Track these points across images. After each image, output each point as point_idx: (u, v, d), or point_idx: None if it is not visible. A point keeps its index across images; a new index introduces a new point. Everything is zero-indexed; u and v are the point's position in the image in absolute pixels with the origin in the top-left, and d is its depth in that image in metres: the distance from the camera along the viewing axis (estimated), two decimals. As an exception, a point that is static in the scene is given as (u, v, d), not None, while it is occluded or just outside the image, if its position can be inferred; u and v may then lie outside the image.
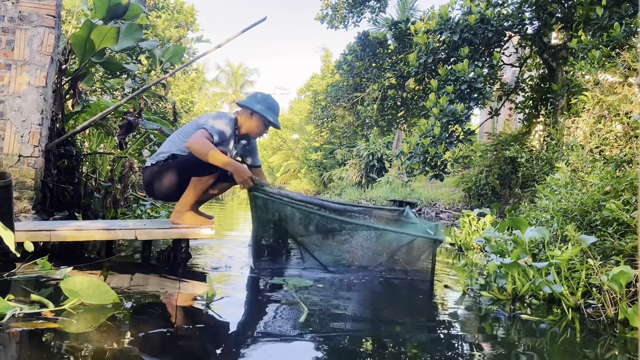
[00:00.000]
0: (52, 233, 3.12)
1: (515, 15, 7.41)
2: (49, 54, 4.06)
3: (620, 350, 1.98)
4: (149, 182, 3.53)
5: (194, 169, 3.38)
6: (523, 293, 2.75)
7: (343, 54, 11.58)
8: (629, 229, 2.73)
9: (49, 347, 1.70)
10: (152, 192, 3.59)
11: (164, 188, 3.50)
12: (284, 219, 3.38)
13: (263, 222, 3.39)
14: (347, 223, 3.38)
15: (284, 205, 3.34)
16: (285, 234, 3.48)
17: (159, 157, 3.51)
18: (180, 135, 3.53)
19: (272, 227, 3.44)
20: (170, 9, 13.52)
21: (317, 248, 3.43)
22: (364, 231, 3.37)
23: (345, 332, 2.08)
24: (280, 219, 3.39)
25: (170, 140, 3.57)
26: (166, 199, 3.71)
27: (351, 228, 3.37)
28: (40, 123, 4.01)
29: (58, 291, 2.32)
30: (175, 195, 3.55)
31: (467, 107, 7.02)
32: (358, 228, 3.37)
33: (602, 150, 3.82)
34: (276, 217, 3.38)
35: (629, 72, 4.19)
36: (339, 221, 3.39)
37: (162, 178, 3.46)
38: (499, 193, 8.86)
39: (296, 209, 3.35)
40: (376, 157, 22.51)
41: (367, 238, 3.37)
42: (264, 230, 3.42)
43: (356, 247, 3.39)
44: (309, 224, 3.42)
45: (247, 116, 3.60)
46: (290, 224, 3.39)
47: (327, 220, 3.41)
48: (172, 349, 1.77)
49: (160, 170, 3.45)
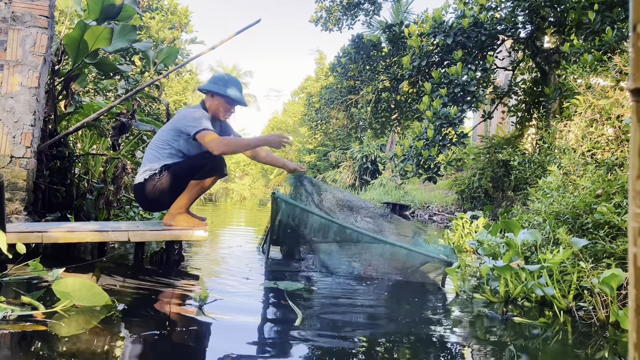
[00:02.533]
0: (44, 235, 3.10)
1: (509, 19, 7.45)
2: (42, 54, 4.04)
3: (611, 353, 1.99)
4: (146, 196, 3.45)
5: (194, 172, 3.37)
6: (515, 295, 2.76)
7: (337, 56, 11.60)
8: (620, 232, 2.75)
9: (40, 349, 1.69)
10: (149, 205, 3.56)
11: (166, 197, 3.45)
12: (309, 225, 3.46)
13: (285, 227, 3.47)
14: (377, 240, 3.42)
15: (310, 215, 3.43)
16: (303, 239, 3.55)
17: (151, 171, 3.42)
18: (160, 146, 3.46)
19: (291, 231, 3.51)
20: (164, 10, 13.50)
21: (336, 255, 3.52)
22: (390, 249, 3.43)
23: (338, 334, 2.09)
24: (305, 226, 3.46)
25: (152, 155, 3.46)
26: (165, 207, 3.66)
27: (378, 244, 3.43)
28: (33, 124, 3.99)
29: (50, 293, 2.31)
30: (171, 201, 3.53)
31: (460, 110, 7.04)
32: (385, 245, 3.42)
33: (594, 153, 3.84)
34: (299, 223, 3.47)
35: (620, 76, 4.23)
36: (370, 237, 3.42)
37: (160, 189, 3.39)
38: (492, 196, 8.90)
39: (330, 223, 3.42)
40: (370, 160, 22.55)
41: (391, 256, 3.43)
42: (284, 234, 3.49)
43: (376, 260, 3.44)
44: (332, 234, 3.47)
45: (209, 99, 3.60)
46: (313, 231, 3.45)
47: (356, 235, 3.45)
48: (165, 351, 1.77)
49: (157, 182, 3.39)
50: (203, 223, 3.51)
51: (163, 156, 3.43)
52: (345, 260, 3.47)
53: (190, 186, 3.40)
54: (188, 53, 14.67)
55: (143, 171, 3.46)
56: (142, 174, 3.45)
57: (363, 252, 3.45)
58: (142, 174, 3.46)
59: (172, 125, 3.48)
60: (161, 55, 5.94)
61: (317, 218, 3.41)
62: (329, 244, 3.47)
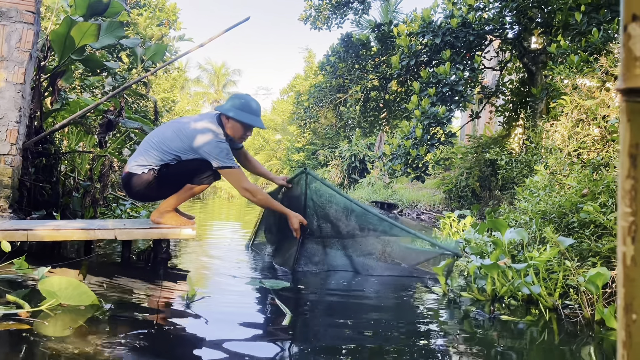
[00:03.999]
0: (29, 233, 3.06)
1: (496, 20, 7.50)
2: (28, 50, 3.99)
3: (597, 351, 2.02)
4: (138, 189, 3.36)
5: (193, 176, 3.30)
6: (502, 294, 2.78)
7: (326, 55, 11.60)
8: (605, 231, 2.78)
9: (24, 349, 1.67)
10: (137, 196, 3.47)
11: (156, 193, 3.41)
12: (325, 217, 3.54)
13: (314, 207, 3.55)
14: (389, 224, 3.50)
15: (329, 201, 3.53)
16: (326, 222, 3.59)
17: (148, 167, 3.32)
18: (167, 151, 3.31)
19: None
20: (152, 7, 13.40)
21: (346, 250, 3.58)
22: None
23: (326, 333, 2.09)
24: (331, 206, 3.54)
25: (153, 156, 3.32)
26: (153, 200, 3.62)
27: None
28: (18, 120, 3.94)
29: (35, 292, 2.29)
30: (161, 197, 3.49)
31: (449, 109, 7.08)
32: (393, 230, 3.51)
33: (580, 153, 3.88)
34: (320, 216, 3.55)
35: (606, 77, 4.27)
36: (379, 219, 3.50)
37: (155, 185, 3.31)
38: (479, 195, 8.96)
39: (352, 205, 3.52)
40: (358, 159, 22.59)
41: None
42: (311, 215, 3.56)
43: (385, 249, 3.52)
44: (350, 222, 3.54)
45: (226, 121, 3.45)
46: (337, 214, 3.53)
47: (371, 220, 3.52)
48: (152, 350, 1.76)
49: (152, 178, 3.30)
50: (191, 222, 3.49)
51: (164, 160, 3.31)
52: (360, 252, 3.52)
53: (185, 189, 3.35)
54: (176, 50, 14.57)
55: (139, 164, 3.33)
56: (138, 166, 3.33)
57: (379, 241, 3.51)
58: (137, 166, 3.33)
59: (188, 143, 3.28)
60: (149, 52, 5.89)
61: (342, 199, 3.52)
62: (348, 232, 3.52)
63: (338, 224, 3.53)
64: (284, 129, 37.02)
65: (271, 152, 39.16)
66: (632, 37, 0.42)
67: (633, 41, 0.42)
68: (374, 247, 3.48)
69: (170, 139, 3.32)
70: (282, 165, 34.06)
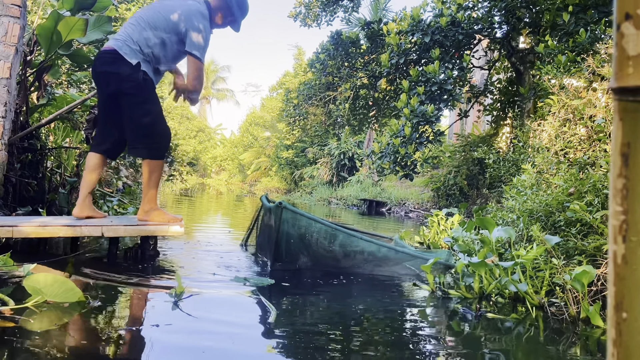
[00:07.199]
0: (14, 229, 3.02)
1: (485, 19, 7.55)
2: (14, 44, 3.93)
3: (582, 348, 2.04)
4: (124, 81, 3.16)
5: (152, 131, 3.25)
6: (489, 292, 2.80)
7: (316, 52, 11.59)
8: (591, 230, 2.81)
9: (8, 346, 1.65)
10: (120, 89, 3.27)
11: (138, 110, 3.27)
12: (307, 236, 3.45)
13: (289, 237, 3.41)
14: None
15: (312, 224, 3.43)
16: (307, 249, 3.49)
17: (135, 55, 3.15)
18: (145, 37, 3.19)
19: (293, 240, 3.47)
20: (140, 2, 13.28)
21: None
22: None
23: (313, 330, 2.09)
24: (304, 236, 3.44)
25: (136, 47, 3.17)
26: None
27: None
28: (4, 115, 3.89)
29: (21, 289, 2.26)
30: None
31: (437, 108, 7.11)
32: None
33: (567, 152, 3.92)
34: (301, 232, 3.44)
35: (593, 77, 4.31)
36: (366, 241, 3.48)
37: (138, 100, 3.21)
38: (467, 193, 9.01)
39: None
40: (347, 156, 22.62)
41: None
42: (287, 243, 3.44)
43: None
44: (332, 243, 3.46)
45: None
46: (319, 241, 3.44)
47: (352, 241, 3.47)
48: (139, 348, 1.74)
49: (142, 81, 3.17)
50: (178, 218, 3.47)
51: (149, 46, 3.23)
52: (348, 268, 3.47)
53: (149, 170, 3.28)
54: (164, 46, 14.43)
55: (130, 48, 3.17)
56: (129, 49, 3.17)
57: (367, 261, 3.44)
58: (128, 48, 3.17)
59: (177, 20, 3.21)
60: (137, 48, 5.82)
61: (323, 227, 3.42)
62: (333, 256, 3.44)
63: (322, 253, 3.45)
64: (273, 126, 36.94)
65: (260, 149, 39.07)
66: (625, 36, 0.42)
67: (625, 40, 0.42)
68: (362, 269, 3.47)
69: (166, 14, 3.26)
70: (271, 162, 34.00)
